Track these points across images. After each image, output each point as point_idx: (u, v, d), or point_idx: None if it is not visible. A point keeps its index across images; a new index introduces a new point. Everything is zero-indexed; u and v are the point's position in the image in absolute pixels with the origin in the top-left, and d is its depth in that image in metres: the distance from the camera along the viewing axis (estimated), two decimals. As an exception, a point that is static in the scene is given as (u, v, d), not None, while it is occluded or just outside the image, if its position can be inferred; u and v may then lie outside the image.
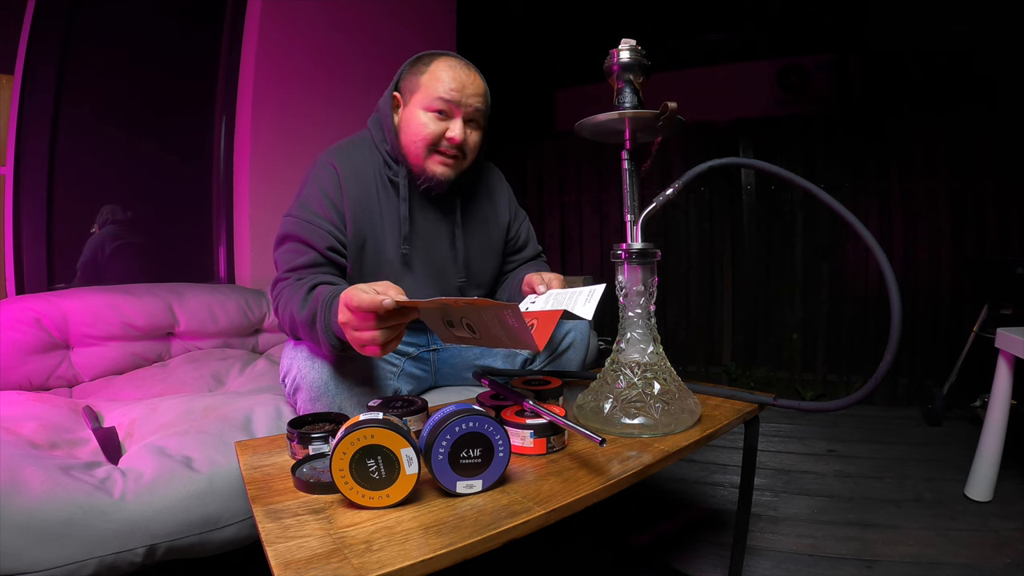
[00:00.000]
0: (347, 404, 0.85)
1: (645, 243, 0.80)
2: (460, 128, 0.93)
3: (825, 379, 2.44)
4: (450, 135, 0.92)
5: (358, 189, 0.96)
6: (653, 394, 0.77)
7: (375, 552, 0.45)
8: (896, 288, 0.67)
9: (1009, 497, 1.36)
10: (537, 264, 1.19)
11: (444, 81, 0.92)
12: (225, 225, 1.94)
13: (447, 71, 0.93)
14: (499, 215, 1.11)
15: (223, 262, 1.94)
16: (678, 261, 2.69)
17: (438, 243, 1.02)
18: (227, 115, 1.93)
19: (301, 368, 0.86)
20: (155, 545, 0.70)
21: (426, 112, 0.93)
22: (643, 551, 1.18)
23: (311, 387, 0.85)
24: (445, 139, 0.93)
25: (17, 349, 1.18)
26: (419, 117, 0.93)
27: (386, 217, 0.97)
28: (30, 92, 1.46)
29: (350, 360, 0.84)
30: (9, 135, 1.44)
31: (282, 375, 0.92)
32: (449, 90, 0.91)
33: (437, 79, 0.92)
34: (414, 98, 0.95)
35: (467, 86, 0.93)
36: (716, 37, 2.89)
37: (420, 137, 0.93)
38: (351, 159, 0.98)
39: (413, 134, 0.94)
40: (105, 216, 1.69)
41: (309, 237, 0.90)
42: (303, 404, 0.87)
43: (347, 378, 0.85)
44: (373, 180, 0.97)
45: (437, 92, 0.92)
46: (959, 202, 2.23)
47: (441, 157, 0.95)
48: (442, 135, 0.93)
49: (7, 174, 1.44)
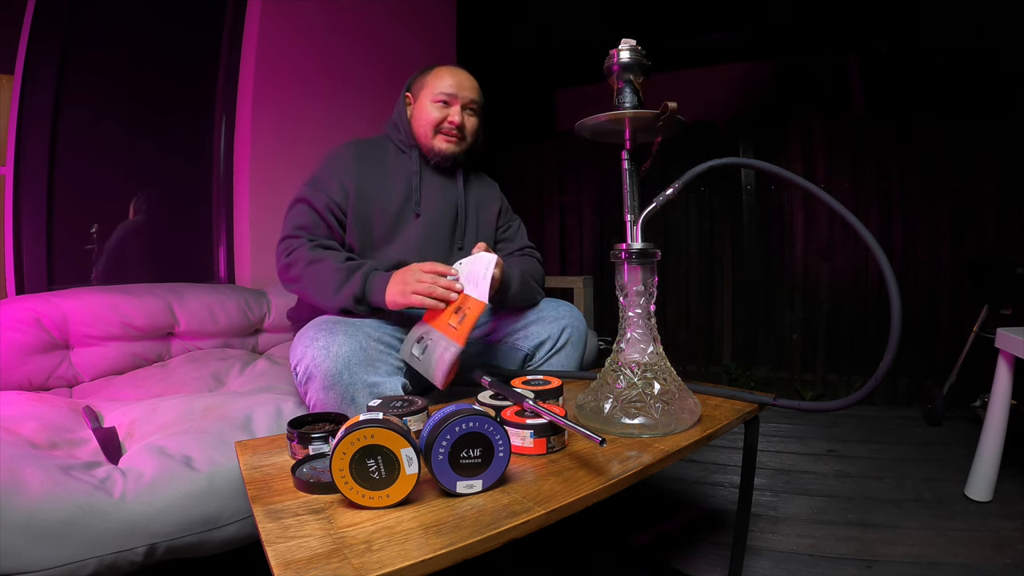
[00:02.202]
0: (360, 394, 0.88)
1: (645, 243, 0.80)
2: (459, 113, 1.16)
3: (825, 379, 2.44)
4: (451, 119, 1.15)
5: (371, 166, 1.16)
6: (653, 394, 0.77)
7: (375, 552, 0.45)
8: (896, 288, 0.67)
9: (1009, 497, 1.36)
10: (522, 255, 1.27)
11: (445, 78, 1.17)
12: (225, 225, 1.94)
13: (447, 72, 1.19)
14: (491, 200, 1.30)
15: (223, 262, 1.94)
16: (678, 261, 2.69)
17: (444, 208, 1.20)
18: (227, 115, 1.93)
19: (316, 357, 0.88)
20: (155, 544, 0.70)
21: (432, 103, 1.16)
22: (643, 551, 1.18)
23: (326, 375, 0.87)
24: (447, 122, 1.15)
25: (17, 349, 1.18)
26: (426, 106, 1.17)
27: (398, 186, 1.17)
28: (30, 92, 1.46)
29: (362, 351, 0.90)
30: (9, 135, 1.44)
31: (293, 364, 0.93)
32: (449, 85, 1.16)
33: (439, 77, 1.18)
34: (422, 93, 1.18)
35: (463, 82, 1.18)
36: (716, 37, 2.89)
37: (427, 121, 1.16)
38: (366, 146, 1.20)
39: (422, 120, 1.17)
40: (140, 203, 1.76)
41: (313, 200, 1.09)
42: (315, 393, 0.89)
43: (360, 369, 0.89)
44: (387, 160, 1.19)
45: (439, 87, 1.16)
46: (959, 202, 2.23)
47: (445, 136, 1.17)
48: (445, 119, 1.16)
49: (7, 174, 1.44)
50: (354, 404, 0.88)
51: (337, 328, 0.91)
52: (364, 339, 0.92)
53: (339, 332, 0.90)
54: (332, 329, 0.91)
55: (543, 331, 1.12)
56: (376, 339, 0.95)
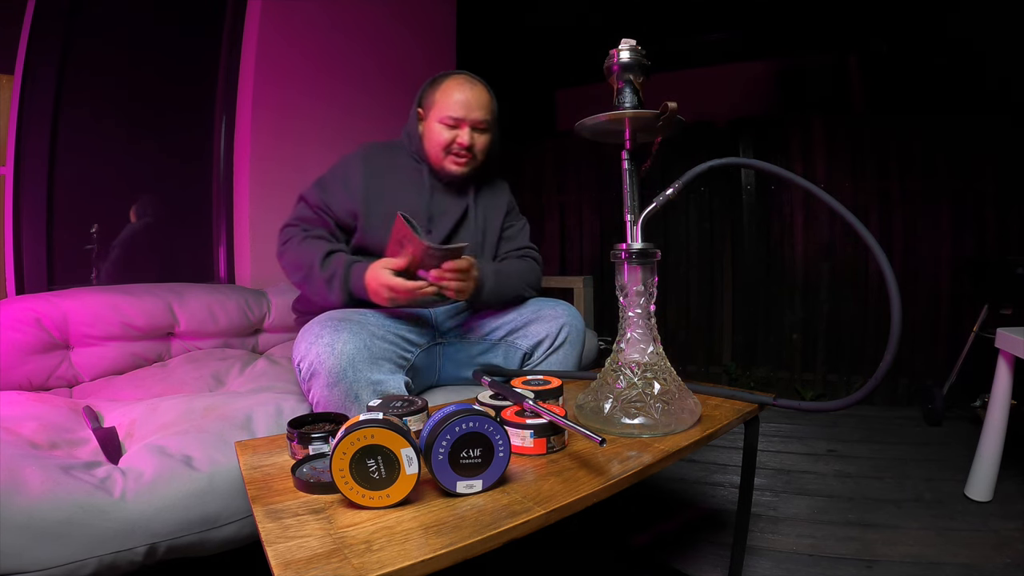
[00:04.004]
0: (363, 392, 0.89)
1: (645, 243, 0.80)
2: (468, 135, 1.14)
3: (825, 379, 2.44)
4: (460, 141, 1.13)
5: (382, 173, 1.16)
6: (653, 394, 0.77)
7: (375, 552, 0.45)
8: (896, 288, 0.67)
9: (1009, 497, 1.36)
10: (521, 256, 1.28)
11: (453, 96, 1.13)
12: (225, 225, 1.94)
13: (456, 90, 1.13)
14: (498, 206, 1.28)
15: (223, 262, 1.94)
16: (678, 261, 2.69)
17: (453, 223, 1.20)
18: (227, 116, 1.93)
19: (320, 354, 0.89)
20: (155, 544, 0.70)
21: (440, 124, 1.14)
22: (643, 551, 1.18)
23: (330, 373, 0.88)
24: (456, 144, 1.14)
25: (17, 349, 1.18)
26: (435, 128, 1.14)
27: (410, 198, 1.16)
28: (30, 92, 1.46)
29: (366, 349, 0.91)
30: (9, 135, 1.44)
31: (296, 361, 0.94)
32: (457, 106, 1.12)
33: (448, 95, 1.13)
34: (431, 112, 1.16)
35: (471, 101, 1.13)
36: (716, 37, 2.89)
37: (436, 143, 1.15)
38: (382, 155, 1.20)
39: (432, 141, 1.15)
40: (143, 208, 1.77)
41: (310, 198, 1.15)
42: (319, 390, 0.89)
43: (364, 366, 0.90)
44: (401, 174, 1.18)
45: (447, 111, 1.13)
46: (959, 202, 2.23)
47: (454, 158, 1.15)
48: (454, 141, 1.14)
49: (7, 174, 1.44)
50: (358, 401, 0.88)
51: (341, 326, 0.92)
52: (368, 337, 0.92)
53: (343, 330, 0.91)
54: (336, 326, 0.91)
55: (541, 330, 1.12)
56: (380, 337, 0.96)
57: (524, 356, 1.14)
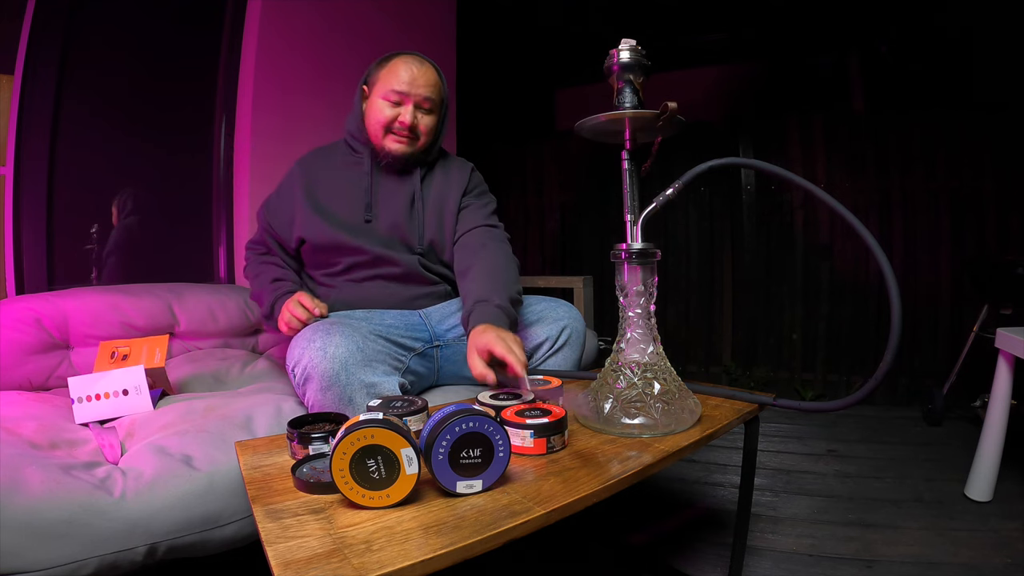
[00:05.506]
0: (357, 394, 0.88)
1: (645, 243, 0.80)
2: (410, 113, 1.10)
3: (825, 379, 2.44)
4: (401, 120, 1.09)
5: (321, 179, 1.16)
6: (653, 394, 0.77)
7: (375, 552, 0.45)
8: (896, 288, 0.67)
9: (1009, 497, 1.36)
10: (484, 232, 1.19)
11: (398, 74, 1.09)
12: (225, 225, 1.94)
13: (402, 66, 1.10)
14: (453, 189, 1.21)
15: (223, 262, 1.94)
16: (678, 261, 2.69)
17: (400, 210, 1.16)
18: (227, 115, 1.93)
19: (313, 358, 0.88)
20: (156, 544, 0.70)
21: (383, 100, 1.10)
22: (643, 551, 1.18)
23: (323, 376, 0.87)
24: (397, 122, 1.10)
25: (17, 349, 1.18)
26: (377, 104, 1.11)
27: (351, 192, 1.14)
28: (30, 92, 1.46)
29: (359, 351, 0.90)
30: (9, 135, 1.44)
31: (290, 365, 0.93)
32: (401, 82, 1.09)
33: (392, 73, 1.10)
34: (375, 89, 1.12)
35: (417, 78, 1.09)
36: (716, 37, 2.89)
37: (377, 120, 1.11)
38: (316, 156, 1.20)
39: (373, 118, 1.12)
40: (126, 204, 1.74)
41: (262, 220, 1.21)
42: (313, 394, 0.89)
43: (357, 369, 0.89)
44: (339, 165, 1.17)
45: (391, 84, 1.09)
46: (959, 202, 2.23)
47: (395, 136, 1.11)
48: (395, 119, 1.10)
49: (7, 174, 1.44)
50: (352, 404, 0.88)
51: (334, 329, 0.91)
52: (361, 339, 0.92)
53: (336, 332, 0.90)
54: (329, 330, 0.91)
55: (542, 332, 1.12)
56: (373, 339, 0.95)
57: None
